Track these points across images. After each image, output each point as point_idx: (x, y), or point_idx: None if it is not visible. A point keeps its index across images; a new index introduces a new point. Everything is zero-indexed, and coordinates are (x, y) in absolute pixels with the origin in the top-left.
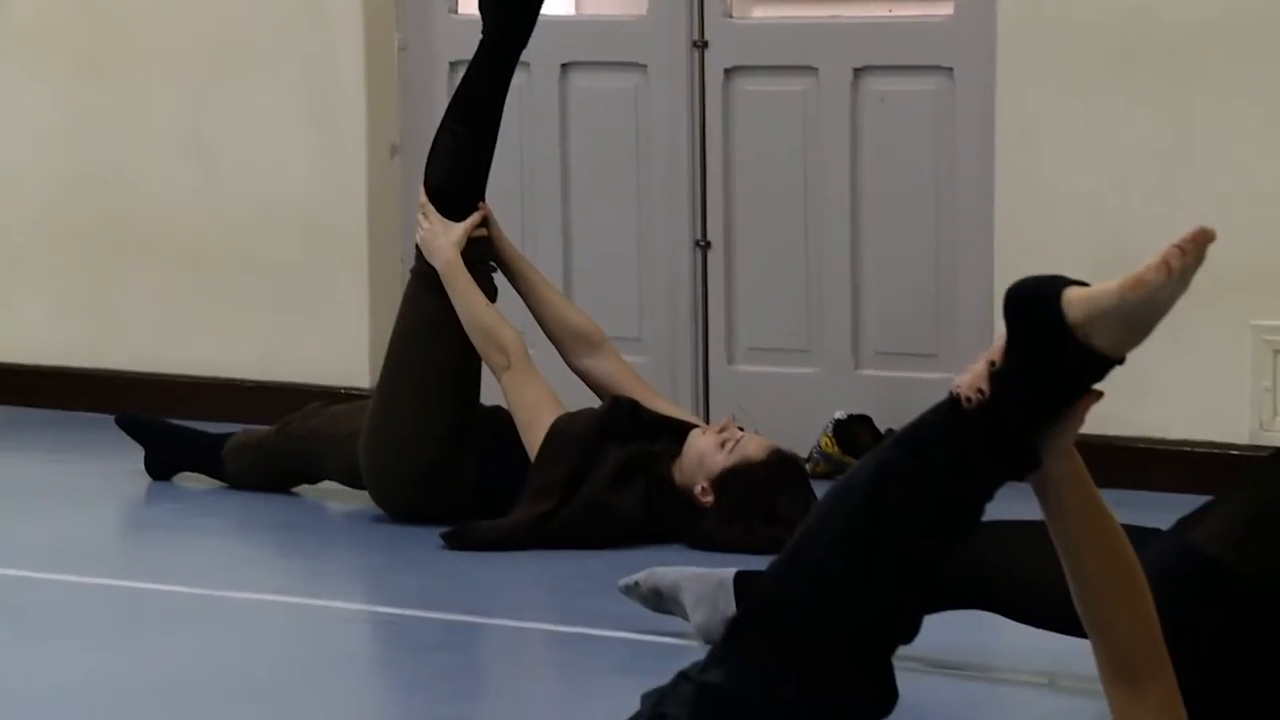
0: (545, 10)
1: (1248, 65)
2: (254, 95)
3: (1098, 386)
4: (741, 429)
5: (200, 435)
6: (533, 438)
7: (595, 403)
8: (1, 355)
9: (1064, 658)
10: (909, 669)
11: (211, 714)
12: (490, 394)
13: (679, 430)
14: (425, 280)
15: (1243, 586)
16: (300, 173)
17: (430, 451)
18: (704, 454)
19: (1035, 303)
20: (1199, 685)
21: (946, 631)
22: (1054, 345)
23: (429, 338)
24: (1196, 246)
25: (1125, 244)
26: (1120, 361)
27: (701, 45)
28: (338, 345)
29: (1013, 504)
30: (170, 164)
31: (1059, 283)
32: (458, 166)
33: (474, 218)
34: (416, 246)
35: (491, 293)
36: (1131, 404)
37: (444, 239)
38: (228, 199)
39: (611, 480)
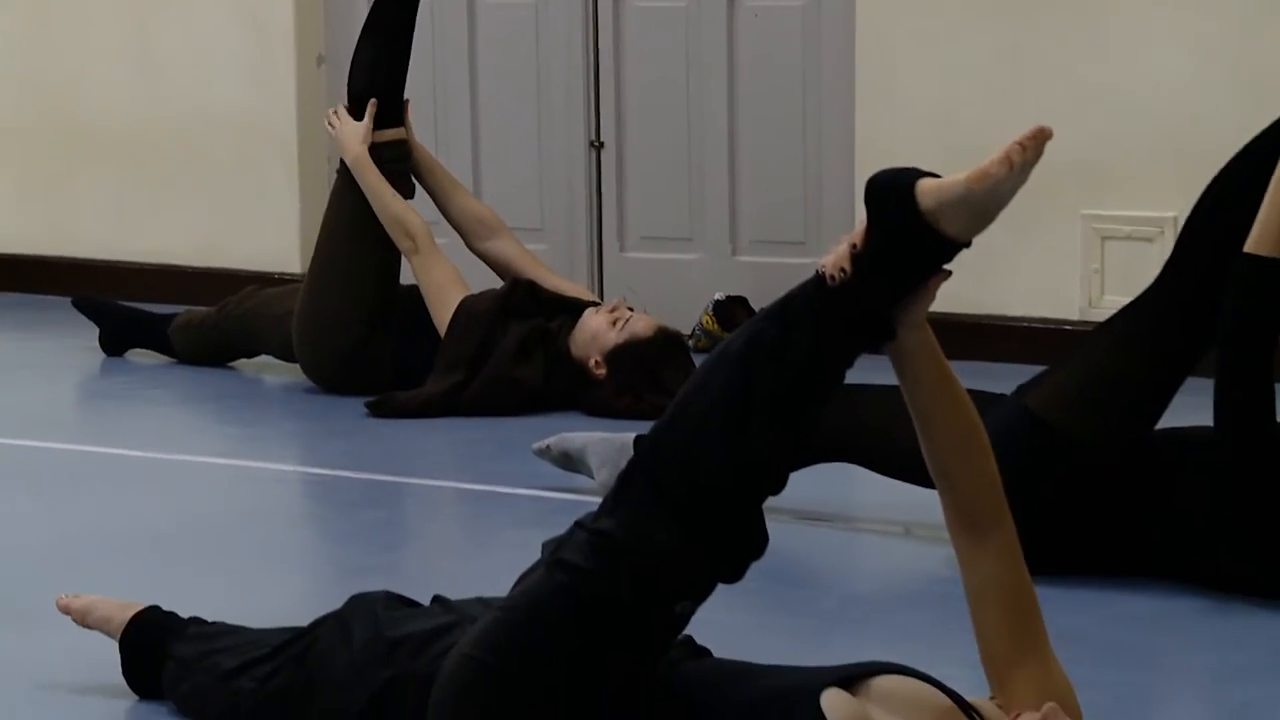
0: None
1: None
2: (193, 7)
3: (947, 266)
4: (631, 309)
5: (148, 315)
6: (441, 314)
7: (497, 285)
8: None
9: (917, 509)
10: (779, 520)
11: (159, 564)
12: (408, 277)
13: (574, 307)
14: (347, 178)
15: (1069, 445)
16: (236, 79)
17: (355, 330)
18: (596, 332)
19: (892, 192)
20: (1034, 532)
21: (812, 487)
22: (908, 230)
23: (352, 228)
24: (1035, 143)
25: (971, 141)
26: (967, 245)
27: None
28: (271, 235)
29: (871, 373)
30: (117, 70)
31: (913, 174)
32: (376, 76)
33: (368, 113)
34: None
35: (409, 190)
36: (977, 285)
37: (351, 137)
38: (171, 103)
39: (514, 354)
